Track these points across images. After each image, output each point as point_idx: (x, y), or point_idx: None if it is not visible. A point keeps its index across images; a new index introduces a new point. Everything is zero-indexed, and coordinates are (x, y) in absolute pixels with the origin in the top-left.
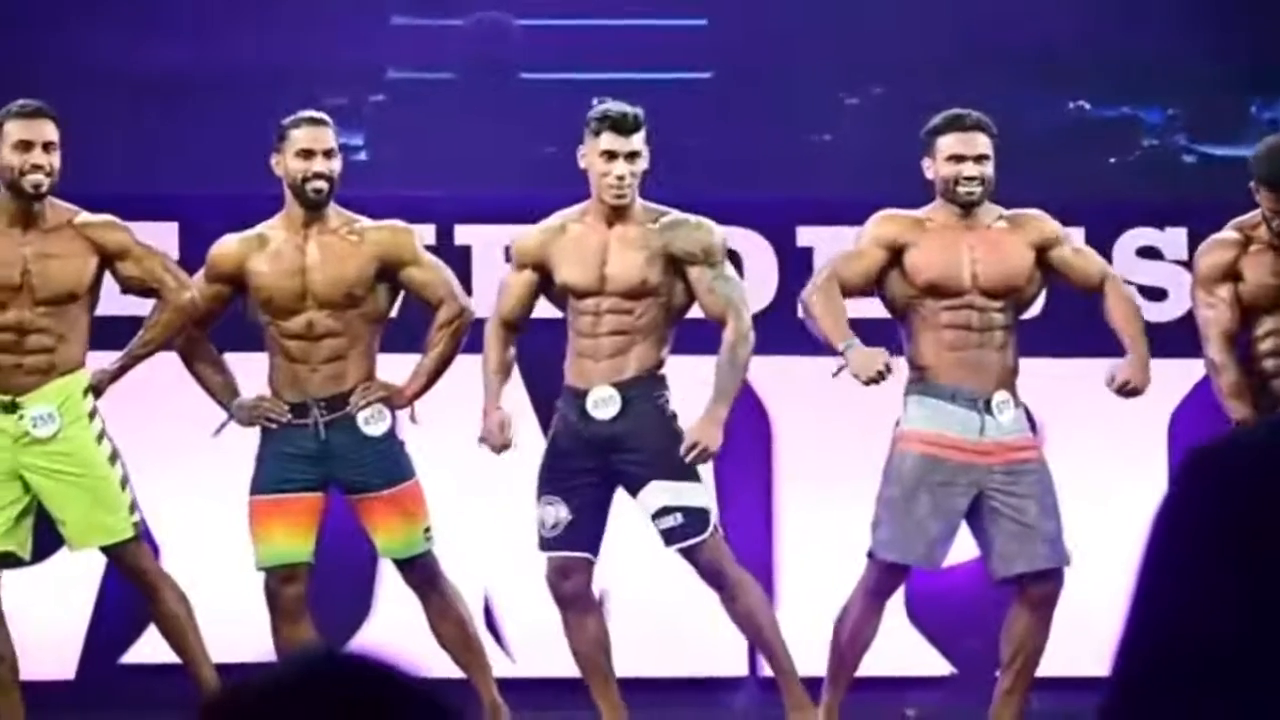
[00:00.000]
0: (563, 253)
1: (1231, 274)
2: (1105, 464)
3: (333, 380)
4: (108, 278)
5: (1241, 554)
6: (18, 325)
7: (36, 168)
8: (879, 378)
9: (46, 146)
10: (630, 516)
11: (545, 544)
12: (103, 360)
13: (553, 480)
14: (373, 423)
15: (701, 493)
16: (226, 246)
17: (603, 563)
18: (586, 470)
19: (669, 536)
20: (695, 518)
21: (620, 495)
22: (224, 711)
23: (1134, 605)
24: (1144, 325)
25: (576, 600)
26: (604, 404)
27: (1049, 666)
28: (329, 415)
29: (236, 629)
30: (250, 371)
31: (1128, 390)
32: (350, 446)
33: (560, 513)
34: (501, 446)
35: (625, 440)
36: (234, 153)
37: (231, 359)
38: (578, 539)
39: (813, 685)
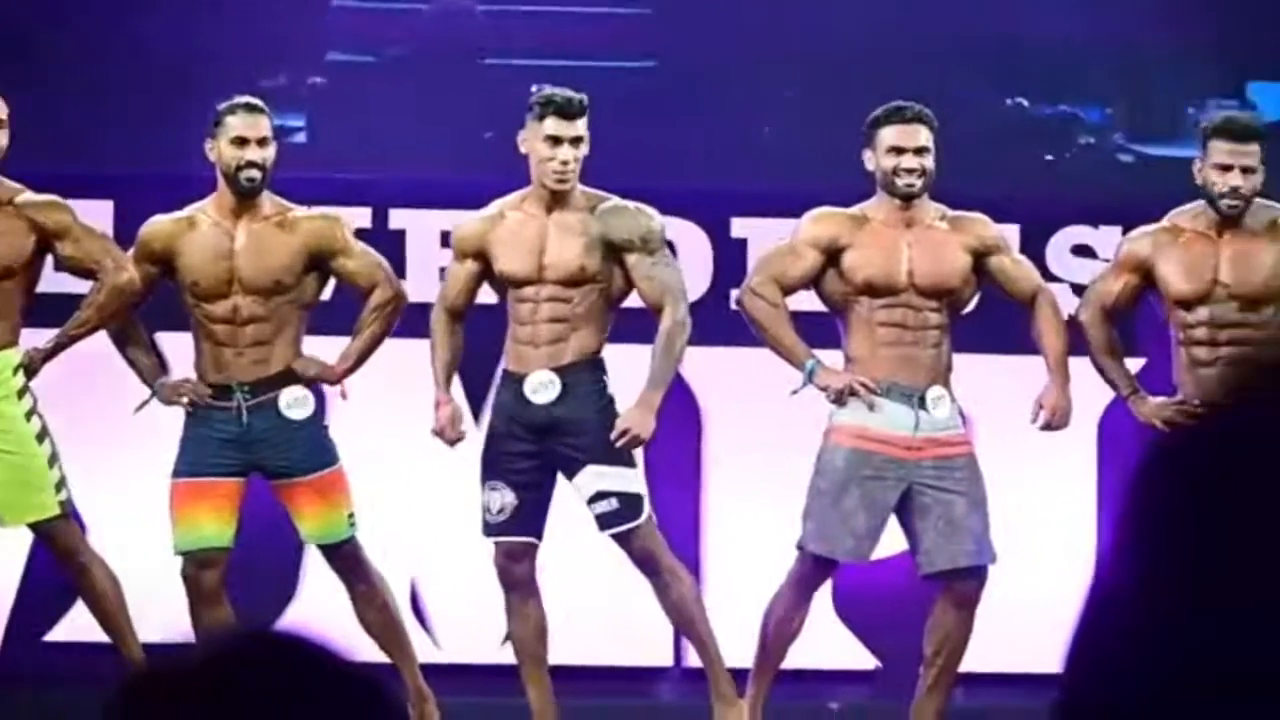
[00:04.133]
0: (501, 241)
1: (1144, 266)
2: (1035, 462)
3: (258, 365)
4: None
5: (1203, 552)
6: None
7: None
8: (847, 393)
9: None
10: (560, 501)
11: (491, 529)
12: (40, 338)
13: (495, 466)
14: (296, 407)
15: (637, 479)
16: (156, 227)
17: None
18: (527, 455)
19: (603, 521)
20: (630, 503)
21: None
22: (146, 691)
23: (1090, 604)
24: (1068, 346)
25: (522, 585)
26: (543, 388)
27: (973, 662)
28: (252, 399)
29: (164, 609)
30: (180, 352)
31: (1052, 426)
32: (273, 431)
33: (506, 498)
34: (455, 440)
35: (563, 425)
36: (170, 132)
37: (161, 339)
38: (524, 523)
39: (739, 676)
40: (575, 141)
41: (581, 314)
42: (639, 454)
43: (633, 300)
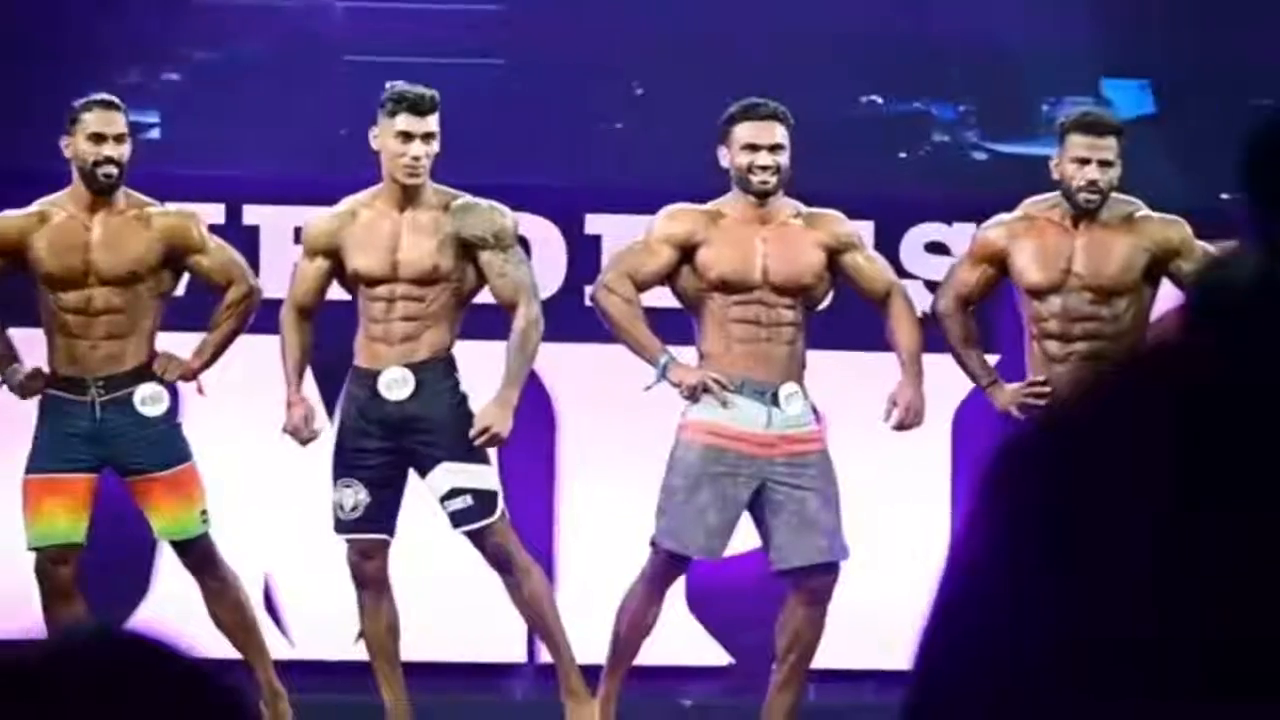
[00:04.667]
0: (354, 239)
1: (999, 256)
2: (889, 458)
3: (112, 360)
4: None
5: (1054, 552)
6: None
7: None
8: (701, 389)
9: None
10: (411, 499)
11: (344, 526)
12: None
13: (348, 463)
14: (150, 404)
15: (491, 476)
16: (7, 221)
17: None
18: (380, 451)
19: (457, 518)
20: (484, 500)
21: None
22: None
23: (938, 606)
24: (921, 343)
25: (375, 582)
26: (397, 385)
27: (826, 659)
28: (106, 394)
29: (16, 604)
30: (27, 349)
31: (904, 425)
32: (127, 427)
33: (359, 495)
34: (308, 438)
35: (417, 421)
36: (25, 128)
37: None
38: (376, 521)
39: (591, 673)
40: (427, 138)
41: (435, 311)
42: (492, 451)
43: (484, 297)
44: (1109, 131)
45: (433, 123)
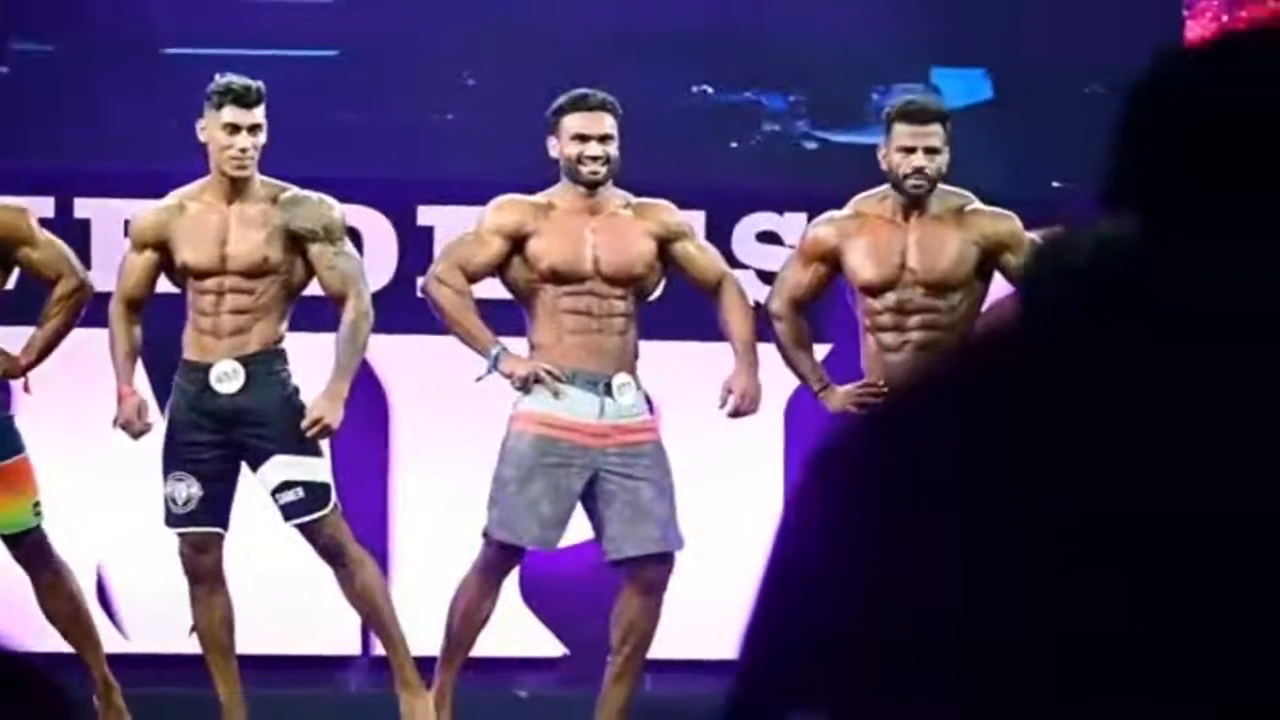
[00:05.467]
0: (182, 233)
1: (831, 254)
2: (721, 448)
3: None
4: None
5: (875, 540)
6: None
7: None
8: (532, 380)
9: None
10: (243, 491)
11: (176, 520)
12: None
13: (179, 456)
14: None
15: (323, 468)
16: None
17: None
18: (211, 445)
19: (289, 511)
20: (316, 493)
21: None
22: None
23: (758, 604)
24: (754, 331)
25: (209, 576)
26: (228, 378)
27: (662, 649)
28: None
29: None
30: None
31: (741, 412)
32: None
33: (191, 489)
34: (141, 431)
35: (248, 414)
36: None
37: None
38: (209, 515)
39: (426, 665)
40: (253, 129)
41: (264, 304)
42: (325, 443)
43: (314, 289)
44: (933, 119)
45: (259, 114)
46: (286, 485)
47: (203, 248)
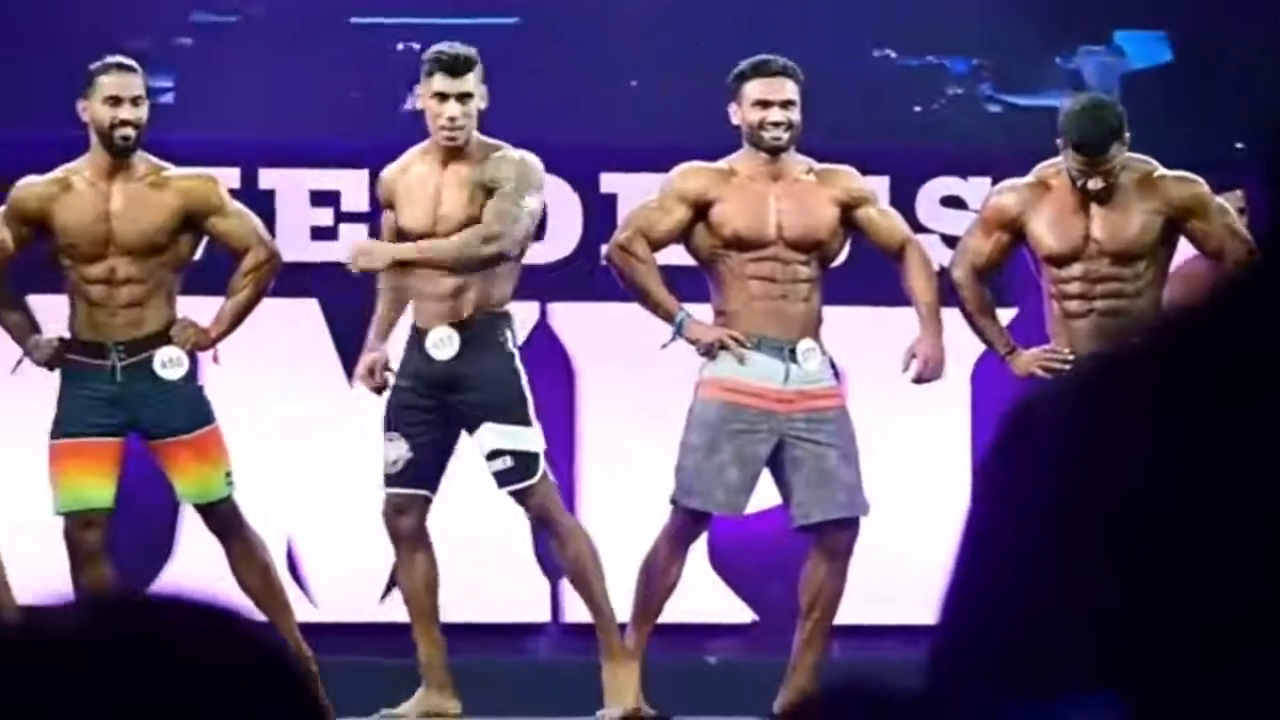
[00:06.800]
0: (402, 193)
1: (1014, 224)
2: (907, 414)
3: (132, 325)
4: None
5: (1055, 510)
6: None
7: None
8: (718, 347)
9: None
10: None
11: (385, 480)
12: None
13: (395, 418)
14: (169, 367)
15: (531, 437)
16: (29, 189)
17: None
18: (426, 409)
19: (500, 478)
20: (525, 462)
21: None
22: (17, 657)
23: (957, 561)
24: (938, 295)
25: (410, 538)
26: (443, 344)
27: (848, 615)
28: (127, 358)
29: (42, 570)
30: (50, 314)
31: (924, 377)
32: (148, 391)
33: (400, 450)
34: (377, 387)
35: (462, 380)
36: (36, 94)
37: (33, 300)
38: (414, 477)
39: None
40: (462, 97)
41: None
42: (533, 412)
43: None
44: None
45: (469, 82)
46: (497, 453)
47: (417, 208)
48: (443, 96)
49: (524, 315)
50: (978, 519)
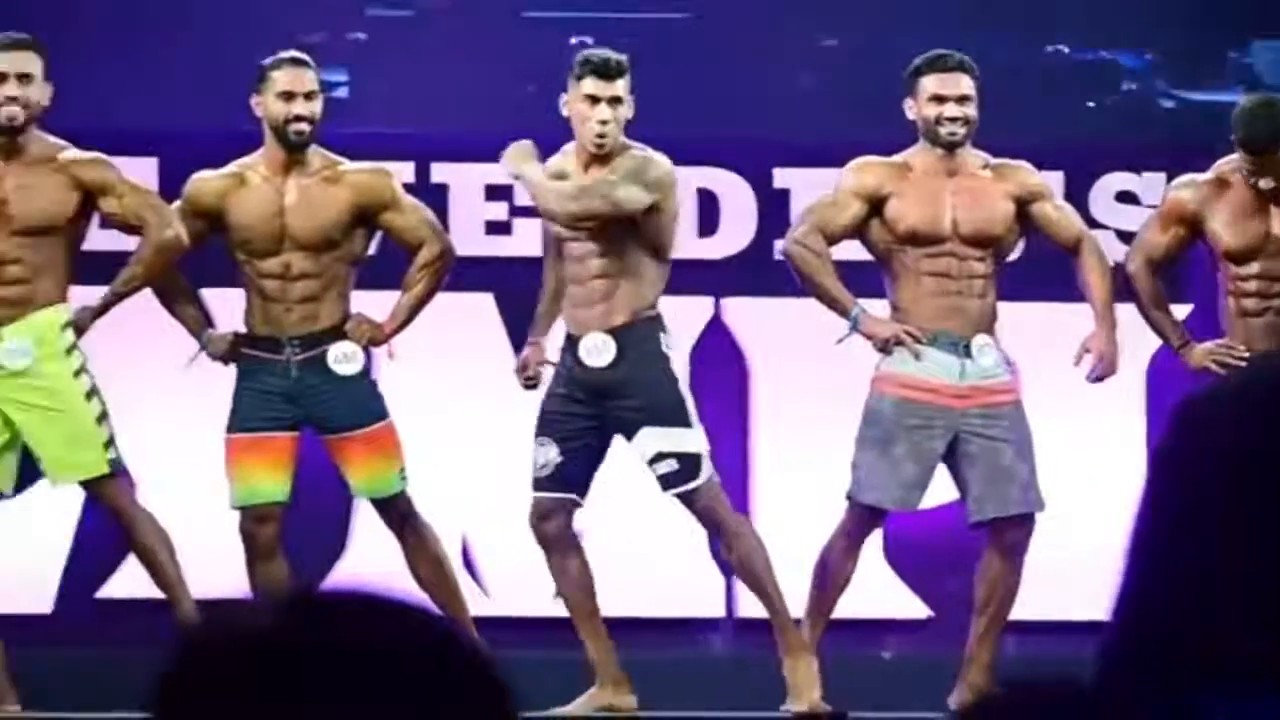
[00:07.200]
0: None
1: (1191, 219)
2: (1082, 409)
3: (307, 320)
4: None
5: (1230, 505)
6: None
7: (11, 100)
8: (893, 342)
9: (22, 78)
10: (610, 452)
11: (534, 484)
12: (89, 296)
13: (547, 422)
14: (344, 363)
15: (693, 439)
16: (205, 183)
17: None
18: (580, 415)
19: (664, 482)
20: (688, 464)
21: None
22: (209, 657)
23: (1130, 556)
24: (1113, 292)
25: (557, 542)
26: (597, 351)
27: (1025, 610)
28: (301, 353)
29: (217, 564)
30: (225, 307)
31: (1098, 373)
32: (323, 386)
33: (550, 454)
34: (528, 381)
35: (617, 387)
36: (212, 88)
37: (207, 294)
38: (561, 481)
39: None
40: (613, 101)
41: (629, 267)
42: (694, 414)
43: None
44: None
45: (620, 87)
46: (660, 456)
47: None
48: (594, 100)
49: (697, 311)
50: (1150, 510)
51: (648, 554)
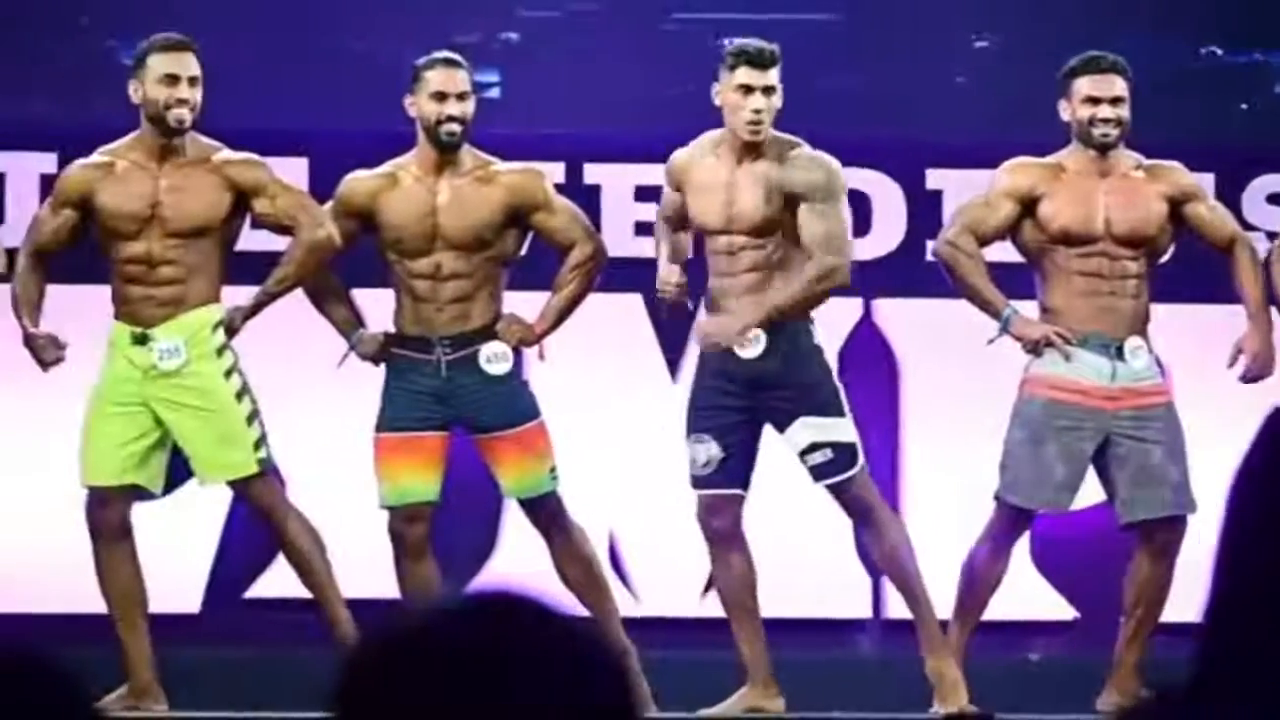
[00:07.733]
0: (694, 183)
1: None
2: (1234, 411)
3: (458, 320)
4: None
5: None
6: (146, 257)
7: (181, 102)
8: (1044, 344)
9: (191, 80)
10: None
11: (697, 482)
12: (241, 296)
13: (702, 418)
14: (494, 362)
15: (847, 428)
16: (357, 183)
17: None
18: (734, 409)
19: (818, 472)
20: (844, 453)
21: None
22: (384, 662)
23: (1218, 562)
24: (1266, 294)
25: (725, 537)
26: (750, 342)
27: (1174, 613)
28: (452, 353)
29: (366, 564)
30: (376, 307)
31: (1252, 375)
32: (474, 386)
33: (711, 450)
34: (676, 294)
35: (770, 378)
36: (365, 88)
37: (358, 294)
38: (726, 476)
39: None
40: (767, 91)
41: (775, 263)
42: (845, 403)
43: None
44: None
45: (773, 76)
46: (815, 446)
47: (711, 205)
48: (748, 89)
49: (847, 311)
50: (1235, 522)
51: (794, 554)
